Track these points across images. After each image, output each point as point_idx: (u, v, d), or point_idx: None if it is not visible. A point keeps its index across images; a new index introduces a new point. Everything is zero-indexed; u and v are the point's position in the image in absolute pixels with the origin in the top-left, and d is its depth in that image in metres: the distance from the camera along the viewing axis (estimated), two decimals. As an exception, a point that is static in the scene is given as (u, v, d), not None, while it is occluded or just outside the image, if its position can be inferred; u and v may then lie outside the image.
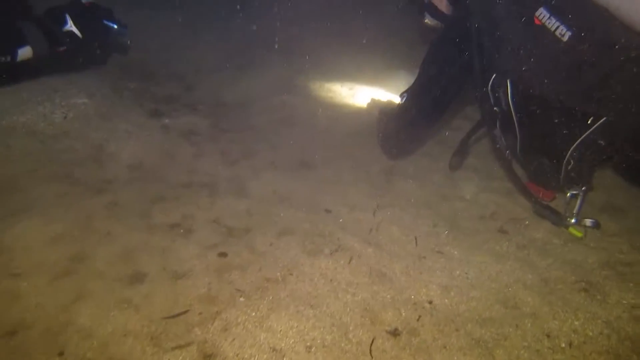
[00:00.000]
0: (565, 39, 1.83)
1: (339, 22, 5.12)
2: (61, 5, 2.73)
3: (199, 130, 3.16)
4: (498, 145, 2.30)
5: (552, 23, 1.86)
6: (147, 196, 2.36)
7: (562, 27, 1.84)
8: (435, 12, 2.61)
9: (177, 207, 2.31)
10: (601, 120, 1.91)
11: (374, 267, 2.05)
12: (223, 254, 2.04)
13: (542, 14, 1.89)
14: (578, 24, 1.82)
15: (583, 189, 2.26)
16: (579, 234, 2.21)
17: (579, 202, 2.25)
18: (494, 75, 2.21)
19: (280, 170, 2.85)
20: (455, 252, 2.18)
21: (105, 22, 2.88)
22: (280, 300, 1.82)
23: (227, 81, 4.03)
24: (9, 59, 2.45)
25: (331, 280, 1.95)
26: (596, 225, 2.23)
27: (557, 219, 2.24)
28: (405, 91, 2.67)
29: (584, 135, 1.99)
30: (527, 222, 2.37)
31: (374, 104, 3.57)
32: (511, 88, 2.15)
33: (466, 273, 2.05)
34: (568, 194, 2.27)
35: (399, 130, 2.72)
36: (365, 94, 3.93)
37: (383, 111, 2.98)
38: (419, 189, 2.70)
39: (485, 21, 2.14)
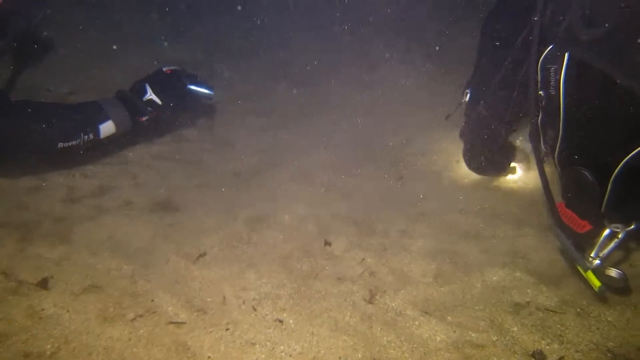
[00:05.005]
0: None
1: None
2: (144, 77, 2.77)
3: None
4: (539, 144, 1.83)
5: None
6: None
7: None
8: None
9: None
10: None
11: (180, 338, 1.69)
12: (-11, 317, 1.65)
13: None
14: None
15: (631, 227, 1.73)
16: (597, 284, 1.71)
17: (614, 242, 1.75)
18: (550, 47, 1.71)
19: (134, 211, 2.50)
20: (291, 321, 1.85)
21: (192, 86, 2.87)
22: (31, 384, 1.45)
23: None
24: (91, 136, 2.37)
25: (115, 356, 1.59)
26: (622, 279, 1.68)
27: (578, 255, 1.74)
28: (467, 85, 2.32)
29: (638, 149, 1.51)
30: (388, 288, 2.07)
31: None
32: (568, 63, 1.65)
33: (292, 349, 1.71)
34: (607, 230, 1.76)
35: (483, 142, 2.36)
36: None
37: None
38: (284, 242, 2.38)
39: None
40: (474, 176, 2.99)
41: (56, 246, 2.09)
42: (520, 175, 2.91)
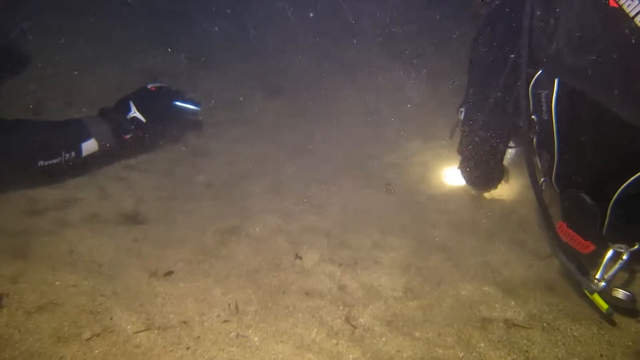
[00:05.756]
0: None
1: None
2: (127, 94, 2.73)
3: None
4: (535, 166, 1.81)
5: (632, 6, 1.38)
6: None
7: None
8: None
9: None
10: None
11: (137, 358, 1.63)
12: None
13: None
14: None
15: (635, 248, 1.72)
16: (604, 306, 1.71)
17: (619, 263, 1.73)
18: (540, 71, 1.73)
19: (98, 224, 2.43)
20: (256, 338, 1.80)
21: (178, 102, 2.86)
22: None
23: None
24: (73, 154, 2.33)
25: (67, 378, 1.52)
26: (631, 300, 1.66)
27: (583, 278, 1.73)
28: (462, 104, 2.32)
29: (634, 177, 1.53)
30: (356, 303, 2.04)
31: None
32: (558, 90, 1.67)
33: (255, 368, 1.67)
34: (610, 250, 1.75)
35: (480, 157, 2.35)
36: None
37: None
38: (254, 255, 2.33)
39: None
40: (448, 189, 3.00)
41: (12, 262, 2.01)
42: (497, 190, 2.92)
